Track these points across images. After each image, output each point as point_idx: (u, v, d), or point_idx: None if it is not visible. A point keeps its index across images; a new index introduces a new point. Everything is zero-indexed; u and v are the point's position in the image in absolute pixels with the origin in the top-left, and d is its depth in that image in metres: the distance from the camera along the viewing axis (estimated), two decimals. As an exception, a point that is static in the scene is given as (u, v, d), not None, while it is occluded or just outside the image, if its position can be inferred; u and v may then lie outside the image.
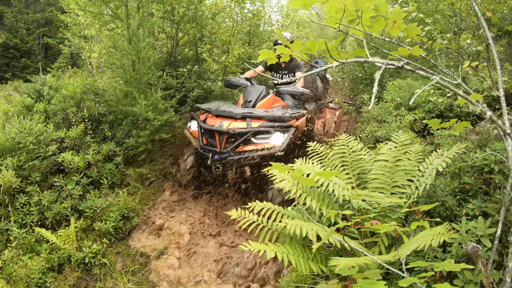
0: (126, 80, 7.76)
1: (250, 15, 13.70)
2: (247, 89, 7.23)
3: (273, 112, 6.37)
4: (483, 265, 2.95)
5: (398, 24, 2.60)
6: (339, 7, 2.44)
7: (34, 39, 29.26)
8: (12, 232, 5.74)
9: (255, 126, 5.97)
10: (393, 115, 7.72)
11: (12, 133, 6.52)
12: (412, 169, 4.09)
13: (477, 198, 3.77)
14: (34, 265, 5.44)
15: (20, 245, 5.73)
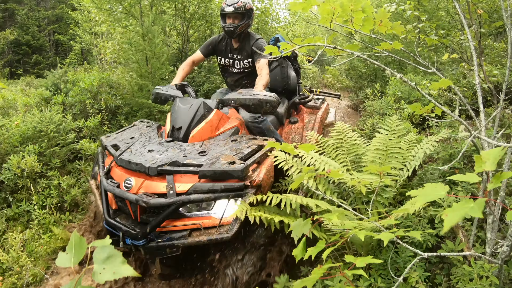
0: (141, 74, 8.17)
1: (258, 12, 14.05)
2: (174, 106, 4.23)
3: (216, 152, 3.61)
4: (463, 235, 3.30)
5: (384, 23, 2.97)
6: (329, 10, 2.84)
7: (45, 36, 29.82)
8: (33, 212, 6.14)
9: (181, 191, 3.25)
10: (393, 108, 8.08)
11: (33, 122, 6.94)
12: (404, 153, 4.47)
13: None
14: (53, 244, 5.86)
15: (41, 225, 6.12)
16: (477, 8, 4.99)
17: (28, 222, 6.20)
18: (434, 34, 5.29)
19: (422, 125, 7.50)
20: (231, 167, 3.17)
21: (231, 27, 4.80)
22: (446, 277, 3.34)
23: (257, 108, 4.11)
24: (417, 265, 3.29)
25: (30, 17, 28.72)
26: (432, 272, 3.49)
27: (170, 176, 3.30)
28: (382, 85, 10.98)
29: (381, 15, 2.92)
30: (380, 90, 10.57)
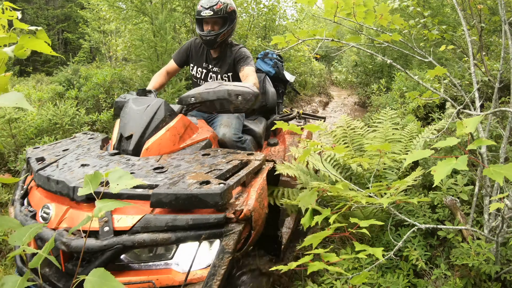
0: (153, 70, 8.41)
1: (265, 10, 14.25)
2: (125, 108, 3.10)
3: (180, 169, 2.47)
4: (462, 216, 3.47)
5: (385, 16, 3.17)
6: (333, 3, 3.03)
7: (54, 34, 30.10)
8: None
9: (123, 227, 2.05)
10: (398, 102, 8.27)
11: (48, 115, 7.19)
12: (406, 142, 4.69)
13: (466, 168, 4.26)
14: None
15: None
16: (477, 4, 5.16)
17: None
18: (436, 29, 5.47)
19: (427, 119, 7.67)
20: (204, 189, 1.99)
21: (210, 36, 3.86)
22: (446, 259, 3.51)
23: (224, 105, 3.01)
24: (417, 244, 3.47)
25: (39, 16, 29.06)
26: (433, 254, 3.65)
27: (104, 204, 1.81)
28: (388, 80, 11.19)
29: (382, 9, 3.11)
30: (386, 85, 10.77)
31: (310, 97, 20.86)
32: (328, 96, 22.83)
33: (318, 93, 22.59)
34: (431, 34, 4.80)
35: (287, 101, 17.09)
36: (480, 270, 2.97)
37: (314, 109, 18.09)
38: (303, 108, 17.68)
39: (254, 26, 14.05)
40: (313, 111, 17.87)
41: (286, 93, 6.27)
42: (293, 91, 7.05)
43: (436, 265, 3.48)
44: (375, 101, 9.65)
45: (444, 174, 1.74)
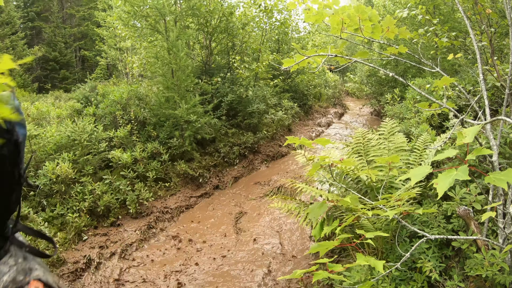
0: (167, 86, 8.56)
1: (278, 23, 14.40)
2: None
3: None
4: (475, 226, 3.48)
5: (391, 29, 3.21)
6: (339, 20, 3.10)
7: (71, 52, 30.59)
8: (67, 216, 6.51)
9: None
10: (412, 111, 8.27)
11: (67, 131, 7.36)
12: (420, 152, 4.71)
13: (481, 177, 4.25)
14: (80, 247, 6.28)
15: (73, 228, 6.48)
16: (485, 8, 5.16)
17: (61, 225, 6.57)
18: (446, 36, 5.48)
19: (441, 127, 7.65)
20: None
21: None
22: (461, 270, 3.51)
23: None
24: (431, 256, 3.49)
25: (57, 34, 29.55)
26: (448, 265, 3.65)
27: None
28: (402, 89, 11.18)
29: (388, 22, 3.16)
30: (400, 95, 10.77)
31: (325, 108, 20.92)
32: (343, 107, 22.85)
33: (333, 104, 22.63)
34: (441, 41, 4.82)
35: (302, 114, 17.17)
36: (495, 280, 2.98)
37: (329, 121, 18.12)
38: (318, 120, 17.70)
39: (267, 40, 14.18)
40: (329, 122, 17.93)
41: (301, 105, 6.21)
42: None
43: (450, 276, 3.48)
44: (389, 111, 9.68)
45: (446, 186, 1.78)
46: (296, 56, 3.25)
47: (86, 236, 6.59)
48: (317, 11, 3.27)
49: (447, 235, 3.67)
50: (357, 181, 4.63)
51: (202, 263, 6.15)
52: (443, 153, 2.02)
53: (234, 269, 5.95)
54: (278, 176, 10.04)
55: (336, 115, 20.23)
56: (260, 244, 6.68)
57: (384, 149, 5.06)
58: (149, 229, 7.15)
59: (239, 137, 11.03)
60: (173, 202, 8.06)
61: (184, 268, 6.05)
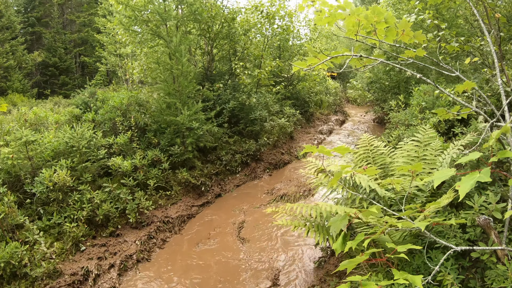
0: (169, 92, 8.39)
1: (279, 30, 14.29)
2: None
3: None
4: (496, 236, 3.30)
5: (406, 32, 3.06)
6: (355, 22, 2.94)
7: (71, 58, 30.51)
8: (64, 225, 6.30)
9: None
10: (418, 118, 8.15)
11: (65, 138, 7.16)
12: (432, 159, 4.53)
13: (495, 185, 4.03)
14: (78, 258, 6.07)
15: (71, 238, 6.27)
16: (495, 13, 5.03)
17: (59, 234, 6.36)
18: (455, 41, 5.35)
19: (448, 134, 7.52)
20: None
21: None
22: (480, 281, 3.34)
23: None
24: (450, 268, 3.31)
25: (57, 40, 29.45)
26: (466, 276, 3.49)
27: None
28: (406, 96, 11.03)
29: (403, 25, 3.00)
30: (404, 101, 10.62)
31: (327, 115, 20.79)
32: (344, 114, 22.76)
33: (334, 112, 22.51)
34: (451, 46, 4.68)
35: (304, 121, 17.02)
36: (520, 292, 2.81)
37: (331, 128, 17.98)
38: (320, 127, 17.57)
39: (268, 46, 14.06)
40: (330, 129, 17.79)
41: (303, 112, 6.25)
42: None
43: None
44: (394, 117, 9.51)
45: (468, 188, 1.74)
46: (308, 59, 3.11)
47: (84, 246, 6.39)
48: (330, 13, 3.12)
49: (463, 245, 3.51)
50: (370, 191, 4.45)
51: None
52: (467, 156, 1.99)
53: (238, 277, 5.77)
54: (281, 185, 9.85)
55: (337, 122, 20.12)
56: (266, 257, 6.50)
57: (394, 156, 4.89)
58: (149, 240, 6.95)
59: (241, 144, 10.85)
60: (174, 211, 7.86)
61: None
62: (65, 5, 32.34)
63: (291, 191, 9.26)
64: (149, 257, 6.62)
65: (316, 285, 5.46)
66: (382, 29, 3.04)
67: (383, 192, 4.14)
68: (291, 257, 6.43)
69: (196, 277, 5.98)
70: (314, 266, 6.12)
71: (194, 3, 9.15)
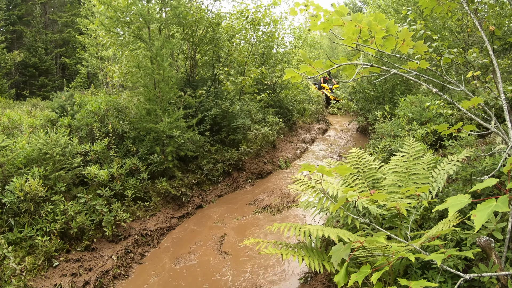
0: (149, 98, 8.04)
1: (264, 36, 14.11)
2: None
3: None
4: (496, 257, 3.09)
5: (407, 42, 2.83)
6: (355, 29, 2.70)
7: (52, 59, 29.94)
8: (36, 239, 5.90)
9: None
10: (405, 129, 8.04)
11: (39, 144, 6.76)
12: (425, 174, 4.32)
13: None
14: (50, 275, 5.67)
15: (43, 253, 5.87)
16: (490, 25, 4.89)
17: (30, 248, 5.96)
18: (447, 52, 5.20)
19: (435, 145, 7.41)
20: None
21: None
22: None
23: None
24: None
25: (37, 40, 28.87)
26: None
27: None
28: (391, 107, 10.90)
29: (404, 34, 2.79)
30: (390, 112, 10.49)
31: (309, 124, 20.68)
32: (327, 123, 22.72)
33: (316, 120, 22.46)
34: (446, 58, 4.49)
35: (287, 130, 16.82)
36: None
37: (313, 137, 17.85)
38: (303, 136, 17.40)
39: (253, 53, 13.83)
40: (313, 138, 17.65)
41: (285, 121, 6.16)
42: None
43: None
44: (380, 128, 9.33)
45: (485, 218, 1.62)
46: (301, 67, 2.88)
47: (57, 261, 5.97)
48: (326, 18, 2.88)
49: (461, 264, 3.39)
50: (363, 213, 4.20)
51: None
52: (483, 183, 1.81)
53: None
54: (264, 195, 9.57)
55: (320, 131, 20.01)
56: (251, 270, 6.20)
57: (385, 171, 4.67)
58: (126, 254, 6.59)
59: (223, 153, 10.54)
60: (153, 223, 7.50)
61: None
62: (47, 4, 31.75)
63: (274, 202, 9.00)
64: (126, 273, 6.24)
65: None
66: (379, 38, 2.82)
67: (375, 210, 3.90)
68: (276, 273, 6.15)
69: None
70: (300, 283, 5.87)
71: (178, 6, 8.83)
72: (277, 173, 12.09)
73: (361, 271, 2.08)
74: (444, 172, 4.23)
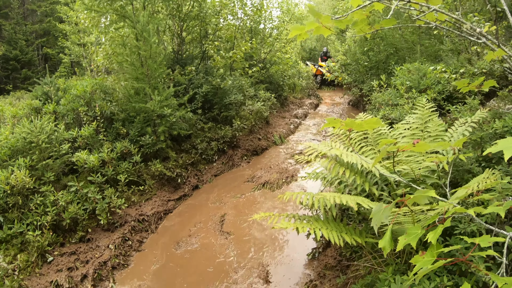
0: (137, 77, 7.63)
1: (252, 10, 13.72)
2: None
3: None
4: None
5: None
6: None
7: (33, 50, 29.17)
8: (27, 234, 5.53)
9: None
10: (404, 98, 7.83)
11: (23, 133, 6.36)
12: (441, 135, 4.06)
13: (501, 164, 3.71)
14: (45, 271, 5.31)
15: (35, 248, 5.51)
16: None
17: (22, 244, 5.60)
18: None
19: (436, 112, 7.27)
20: None
21: None
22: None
23: None
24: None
25: (17, 32, 28.06)
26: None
27: None
28: (386, 77, 10.61)
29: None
30: (385, 81, 10.23)
31: (300, 99, 20.42)
32: (318, 97, 22.48)
33: (308, 95, 22.23)
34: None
35: (278, 105, 16.53)
36: None
37: (306, 112, 17.60)
38: (295, 111, 17.15)
39: (241, 29, 13.43)
40: (305, 113, 17.39)
41: (277, 97, 6.00)
42: None
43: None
44: (377, 98, 9.01)
45: None
46: (307, 23, 2.56)
47: (52, 256, 5.60)
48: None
49: (483, 228, 3.12)
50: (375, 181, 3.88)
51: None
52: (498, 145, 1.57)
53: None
54: (262, 172, 9.27)
55: (312, 106, 19.77)
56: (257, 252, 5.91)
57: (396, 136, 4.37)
58: (124, 242, 6.25)
59: (216, 131, 10.18)
60: (149, 208, 7.16)
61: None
62: (25, -6, 30.88)
63: (273, 178, 8.71)
64: (126, 262, 5.92)
65: (315, 280, 4.91)
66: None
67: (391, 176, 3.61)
68: (281, 250, 5.90)
69: (180, 282, 5.35)
70: (308, 259, 5.59)
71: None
72: (273, 149, 11.82)
73: (409, 233, 1.77)
74: (458, 133, 3.96)
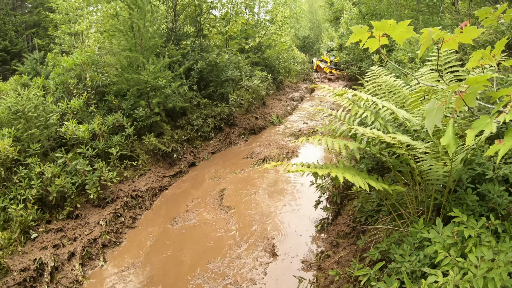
0: (130, 48, 7.21)
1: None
2: None
3: None
4: None
5: None
6: None
7: (23, 41, 28.63)
8: (10, 208, 5.09)
9: None
10: (408, 67, 7.72)
11: (8, 103, 5.94)
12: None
13: None
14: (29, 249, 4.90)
15: (18, 224, 5.08)
16: None
17: (5, 222, 5.17)
18: None
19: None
20: None
21: None
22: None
23: None
24: None
25: (6, 23, 27.47)
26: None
27: None
28: (386, 53, 10.39)
29: None
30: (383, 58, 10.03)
31: (296, 84, 20.40)
32: (313, 82, 22.51)
33: (303, 80, 22.25)
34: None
35: (274, 88, 16.32)
36: None
37: (302, 95, 17.51)
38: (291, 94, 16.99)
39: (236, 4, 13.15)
40: (301, 96, 17.26)
41: (273, 80, 5.73)
42: None
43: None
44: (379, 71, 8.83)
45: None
46: (354, 31, 2.24)
47: (36, 233, 5.18)
48: None
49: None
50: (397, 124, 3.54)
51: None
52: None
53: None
54: (261, 148, 8.93)
55: (307, 90, 19.86)
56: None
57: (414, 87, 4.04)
58: (116, 219, 5.85)
59: (212, 108, 9.80)
60: (143, 183, 6.77)
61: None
62: (13, -15, 30.30)
63: (273, 153, 8.39)
64: (118, 240, 5.53)
65: (327, 250, 4.55)
66: None
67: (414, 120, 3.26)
68: (287, 223, 5.54)
69: (177, 259, 4.97)
70: (316, 230, 5.23)
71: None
72: (270, 128, 11.58)
73: (476, 126, 1.41)
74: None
